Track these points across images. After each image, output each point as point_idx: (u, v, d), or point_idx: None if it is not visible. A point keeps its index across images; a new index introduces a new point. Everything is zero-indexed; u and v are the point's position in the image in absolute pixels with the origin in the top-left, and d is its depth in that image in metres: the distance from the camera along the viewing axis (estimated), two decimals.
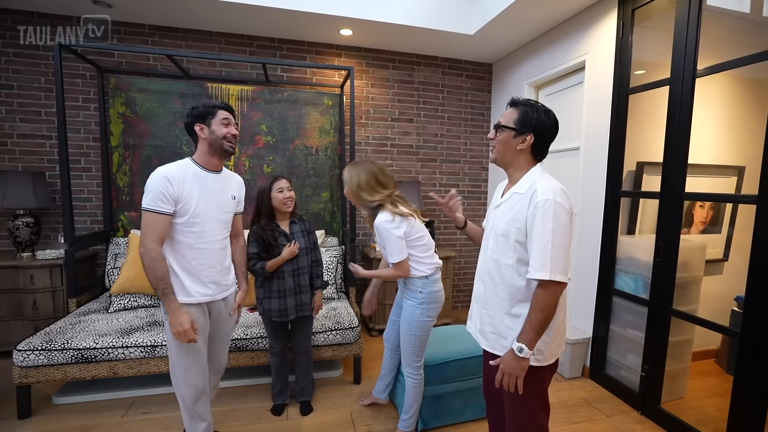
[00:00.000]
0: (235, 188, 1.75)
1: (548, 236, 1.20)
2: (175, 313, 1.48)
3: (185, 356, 1.57)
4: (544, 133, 1.31)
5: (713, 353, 2.85)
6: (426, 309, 1.80)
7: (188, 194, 1.53)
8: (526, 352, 1.22)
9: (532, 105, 1.31)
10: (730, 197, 2.38)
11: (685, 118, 2.00)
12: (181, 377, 1.59)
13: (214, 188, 1.62)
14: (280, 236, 2.01)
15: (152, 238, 1.46)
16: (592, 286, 2.61)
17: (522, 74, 3.35)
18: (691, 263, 2.29)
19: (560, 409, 2.29)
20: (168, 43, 3.07)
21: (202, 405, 1.66)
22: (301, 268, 2.05)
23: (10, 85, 2.83)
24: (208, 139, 1.59)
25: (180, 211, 1.52)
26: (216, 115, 1.59)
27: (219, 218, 1.64)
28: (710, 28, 2.00)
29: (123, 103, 2.93)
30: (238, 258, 1.85)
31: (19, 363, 1.97)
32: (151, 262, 1.46)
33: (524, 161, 1.34)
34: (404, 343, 1.87)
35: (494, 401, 1.56)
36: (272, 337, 2.11)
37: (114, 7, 2.75)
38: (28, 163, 2.90)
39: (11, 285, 2.60)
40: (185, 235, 1.55)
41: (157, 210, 1.47)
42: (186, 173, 1.56)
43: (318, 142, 3.32)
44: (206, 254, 1.60)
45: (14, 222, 2.71)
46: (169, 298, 1.48)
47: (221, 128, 1.59)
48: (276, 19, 2.91)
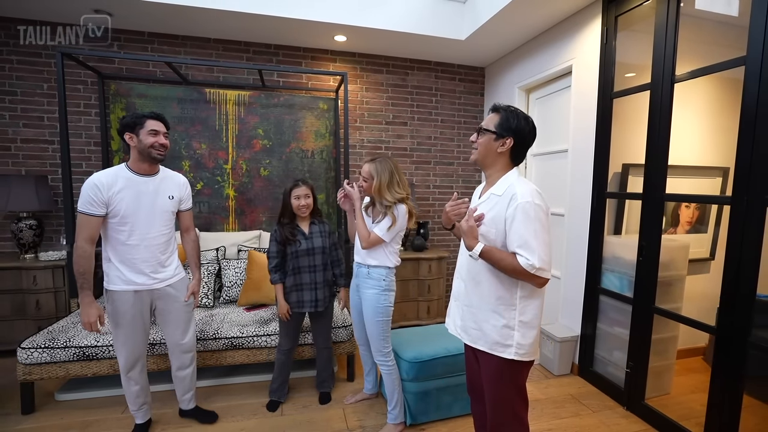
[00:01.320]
0: (174, 188, 1.92)
1: (532, 233, 1.26)
2: (86, 307, 1.71)
3: (119, 332, 1.82)
4: (523, 137, 1.38)
5: (701, 351, 2.90)
6: (388, 295, 2.00)
7: (117, 198, 1.72)
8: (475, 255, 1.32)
9: (513, 111, 1.39)
10: (707, 198, 2.44)
11: (665, 121, 2.06)
12: (117, 347, 1.85)
13: (146, 191, 1.80)
14: (299, 235, 2.14)
15: (83, 237, 1.68)
16: (579, 286, 2.68)
17: (513, 78, 3.42)
18: (674, 262, 2.35)
19: (548, 405, 2.35)
20: (167, 49, 3.15)
21: (136, 372, 1.89)
22: (317, 266, 2.16)
23: (14, 91, 2.92)
24: (137, 147, 1.76)
25: (111, 213, 1.72)
26: (144, 125, 1.75)
27: (152, 217, 1.81)
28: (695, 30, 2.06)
29: (123, 109, 3.01)
30: (189, 250, 2.06)
31: (23, 360, 2.05)
32: (78, 259, 1.68)
33: (502, 164, 1.41)
34: (372, 332, 2.01)
35: (478, 397, 1.62)
36: (283, 334, 2.21)
37: (115, 15, 2.83)
38: (31, 167, 2.98)
39: (15, 285, 2.68)
40: (118, 233, 1.75)
41: (87, 212, 1.67)
42: (117, 179, 1.73)
43: (314, 146, 3.39)
44: (138, 249, 1.79)
45: (18, 224, 2.79)
46: (84, 293, 1.70)
47: (148, 138, 1.74)
48: (272, 26, 2.99)
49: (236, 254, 3.00)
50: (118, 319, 1.80)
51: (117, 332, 1.82)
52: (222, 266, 2.84)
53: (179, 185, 1.95)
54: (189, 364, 2.05)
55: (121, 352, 1.85)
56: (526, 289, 1.35)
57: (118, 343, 1.84)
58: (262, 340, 2.34)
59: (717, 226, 2.77)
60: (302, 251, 2.12)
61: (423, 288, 3.43)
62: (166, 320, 1.96)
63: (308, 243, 2.14)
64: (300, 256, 2.13)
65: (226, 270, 2.82)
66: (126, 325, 1.81)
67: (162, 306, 1.92)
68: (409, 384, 2.08)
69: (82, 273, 1.68)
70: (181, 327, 1.99)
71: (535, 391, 2.50)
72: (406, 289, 3.40)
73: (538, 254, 1.24)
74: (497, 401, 1.44)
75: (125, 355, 1.85)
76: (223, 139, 3.20)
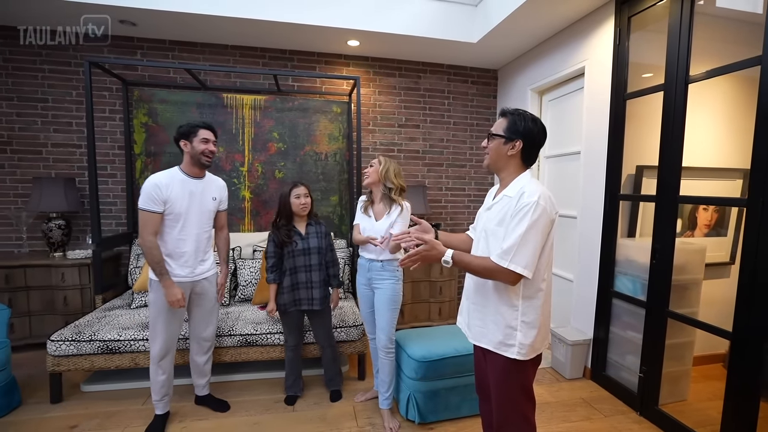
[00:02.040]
0: (216, 191, 2.13)
1: (521, 231, 1.26)
2: (171, 288, 1.91)
3: (160, 319, 1.97)
4: (532, 139, 1.39)
5: (721, 357, 2.82)
6: (401, 284, 2.15)
7: (174, 197, 1.92)
8: (447, 262, 1.35)
9: (520, 114, 1.41)
10: (721, 200, 2.38)
11: (678, 122, 2.04)
12: (153, 336, 1.99)
13: (196, 191, 2.01)
14: (295, 236, 2.20)
15: (148, 231, 1.88)
16: (592, 289, 2.65)
17: (526, 80, 3.41)
18: (690, 266, 2.31)
19: (558, 409, 2.33)
20: (187, 56, 3.27)
21: (166, 361, 2.03)
22: (313, 265, 2.22)
23: (46, 98, 3.09)
24: (190, 153, 1.98)
25: (167, 210, 1.92)
26: (197, 134, 1.97)
27: (200, 215, 2.03)
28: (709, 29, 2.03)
29: (145, 114, 3.14)
30: (222, 246, 2.26)
31: (52, 352, 2.17)
32: (149, 251, 1.88)
33: (514, 166, 1.43)
34: (386, 320, 2.11)
35: (486, 396, 1.63)
36: (287, 332, 2.28)
37: (138, 25, 2.96)
38: (60, 170, 3.14)
39: (45, 282, 2.83)
40: (171, 228, 1.95)
41: (150, 210, 1.87)
42: (173, 180, 1.95)
43: (327, 149, 3.46)
44: (186, 243, 1.99)
45: (48, 224, 2.94)
46: (165, 278, 1.90)
47: (200, 145, 1.97)
48: (287, 33, 3.08)
49: (251, 254, 3.09)
50: (159, 308, 1.96)
51: (157, 320, 1.97)
52: (238, 266, 2.93)
53: (220, 188, 2.17)
54: (207, 352, 2.21)
55: (157, 341, 1.98)
56: (528, 290, 1.36)
57: (155, 331, 1.98)
58: (275, 338, 2.41)
59: (737, 229, 2.70)
60: (299, 251, 2.19)
61: (435, 289, 3.45)
62: (195, 311, 2.13)
63: (305, 243, 2.21)
64: (296, 255, 2.19)
65: (242, 269, 2.91)
66: (166, 313, 1.97)
67: (195, 297, 2.10)
68: (418, 383, 2.10)
69: (157, 262, 1.88)
70: (206, 319, 2.16)
71: (546, 394, 2.48)
72: (417, 291, 3.42)
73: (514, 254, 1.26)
74: (503, 400, 1.45)
75: (160, 344, 1.98)
76: (240, 142, 3.30)
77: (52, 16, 2.84)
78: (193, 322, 2.15)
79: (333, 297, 2.35)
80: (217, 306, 2.22)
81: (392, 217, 2.07)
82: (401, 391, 2.22)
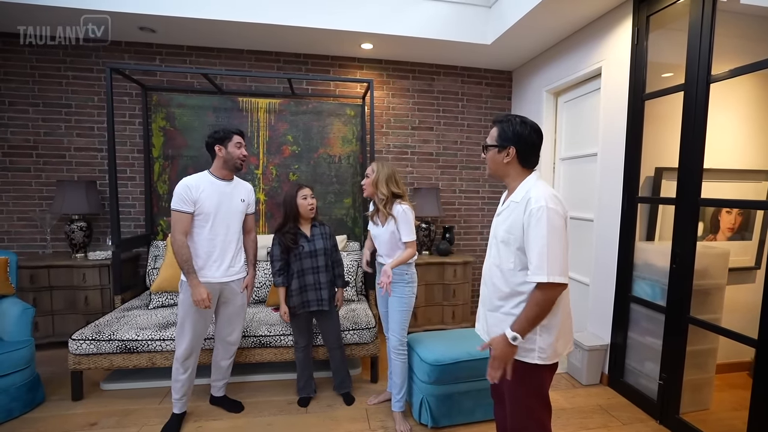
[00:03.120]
0: (244, 193, 2.17)
1: (544, 240, 1.26)
2: (197, 288, 1.93)
3: (188, 320, 2.00)
4: (524, 142, 1.38)
5: (746, 366, 2.73)
6: (413, 287, 2.14)
7: (204, 198, 1.98)
8: (519, 341, 1.30)
9: (509, 120, 1.41)
10: (746, 203, 2.30)
11: (700, 123, 1.98)
12: (181, 335, 2.02)
13: (225, 193, 2.06)
14: (301, 238, 2.22)
15: (179, 230, 1.94)
16: (609, 293, 2.60)
17: (541, 81, 3.37)
18: (712, 270, 2.24)
19: (575, 415, 2.29)
20: (203, 61, 3.34)
21: (190, 362, 2.06)
22: (320, 267, 2.25)
23: (69, 104, 3.19)
24: (225, 157, 2.05)
25: (197, 210, 1.97)
26: (232, 139, 2.05)
27: (229, 216, 2.07)
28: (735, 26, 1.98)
29: (163, 118, 3.21)
30: (249, 248, 2.27)
31: (74, 351, 2.23)
32: (179, 249, 1.92)
33: (515, 172, 1.42)
34: (396, 321, 2.13)
35: (502, 401, 1.62)
36: (296, 333, 2.30)
37: (157, 32, 3.04)
38: (82, 174, 3.24)
39: (67, 282, 2.91)
40: (201, 228, 2.00)
41: (181, 210, 1.94)
42: (202, 182, 2.01)
43: (341, 151, 3.48)
44: (215, 244, 2.03)
45: (70, 226, 3.03)
46: (191, 276, 1.94)
47: (235, 150, 2.05)
48: (301, 37, 3.11)
49: (265, 256, 3.12)
50: (188, 308, 1.99)
51: (186, 320, 2.01)
52: None
53: (248, 191, 2.22)
54: (230, 356, 2.24)
55: (184, 340, 2.02)
56: None
57: (183, 330, 2.02)
58: (289, 339, 2.43)
59: (763, 232, 2.61)
60: (305, 253, 2.21)
61: (448, 292, 3.43)
62: (222, 313, 2.16)
63: (311, 245, 2.23)
64: (303, 258, 2.22)
65: (257, 271, 2.94)
66: (194, 314, 2.00)
67: (223, 300, 2.13)
68: (431, 387, 2.09)
69: (185, 261, 1.93)
70: (233, 323, 2.19)
71: (562, 400, 2.44)
72: (431, 293, 3.40)
73: (547, 265, 1.25)
74: (519, 406, 1.44)
75: (186, 343, 2.02)
76: (255, 145, 3.35)
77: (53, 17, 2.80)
78: (219, 324, 2.18)
79: (337, 296, 2.36)
80: (244, 309, 2.23)
81: (391, 225, 2.07)
82: (414, 395, 2.21)
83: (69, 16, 2.75)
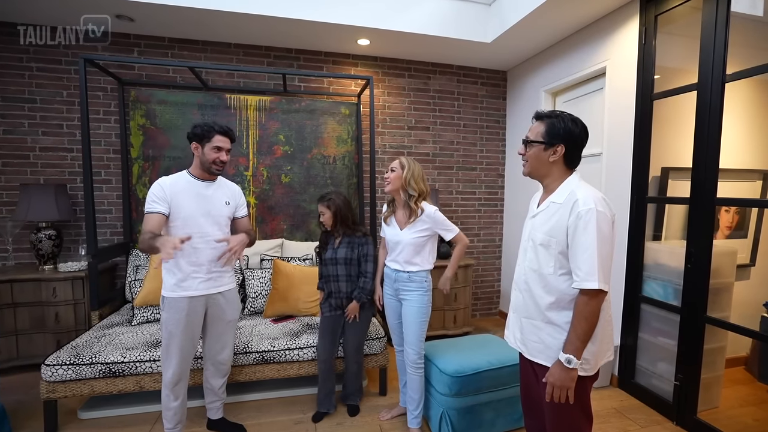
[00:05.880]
0: (229, 195, 1.96)
1: (593, 245, 1.19)
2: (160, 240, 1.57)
3: (173, 341, 1.79)
4: (574, 141, 1.31)
5: (742, 360, 2.80)
6: (430, 295, 2.04)
7: (180, 199, 1.78)
8: (575, 362, 1.21)
9: (558, 116, 1.32)
10: (761, 202, 2.34)
11: (714, 122, 1.98)
12: (166, 359, 1.81)
13: (205, 195, 1.86)
14: (329, 245, 2.22)
15: (145, 230, 1.68)
16: (618, 294, 2.58)
17: (538, 81, 3.35)
18: (721, 269, 2.25)
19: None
20: (187, 55, 3.09)
21: (179, 387, 1.85)
22: (340, 276, 2.18)
23: (33, 99, 2.86)
24: (200, 158, 1.84)
25: (173, 214, 1.77)
26: (211, 140, 1.81)
27: (212, 220, 1.85)
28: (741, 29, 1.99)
29: (143, 115, 2.95)
30: None
31: (47, 378, 1.95)
32: (141, 239, 1.65)
33: (558, 171, 1.34)
34: (414, 333, 2.00)
35: (533, 410, 1.54)
36: (320, 337, 2.21)
37: (136, 21, 2.78)
38: (49, 176, 2.91)
39: (34, 298, 2.59)
40: (179, 233, 1.74)
41: (152, 210, 1.72)
42: (178, 180, 1.82)
43: (335, 152, 3.32)
44: (197, 252, 1.80)
45: (37, 235, 2.71)
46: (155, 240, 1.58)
47: (211, 154, 1.82)
48: (293, 30, 2.93)
49: (259, 263, 2.92)
50: (172, 329, 1.78)
51: (171, 341, 1.79)
52: (246, 276, 2.75)
53: (234, 193, 2.00)
54: (223, 376, 2.04)
55: (171, 364, 1.80)
56: None
57: (168, 354, 1.80)
58: (294, 354, 2.25)
59: (758, 231, 2.68)
60: (328, 260, 2.19)
61: (449, 296, 3.33)
62: (210, 331, 1.94)
63: (333, 253, 2.18)
64: (327, 264, 2.19)
65: (250, 280, 2.73)
66: (180, 334, 1.79)
67: (210, 315, 1.91)
68: (452, 399, 1.98)
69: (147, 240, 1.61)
70: (222, 339, 1.97)
71: None
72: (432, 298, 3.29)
73: (597, 273, 1.19)
74: (562, 418, 1.36)
75: (174, 367, 1.81)
76: (244, 145, 3.13)
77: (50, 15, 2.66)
78: (208, 343, 1.96)
79: (349, 308, 2.20)
80: (234, 325, 2.03)
81: (417, 226, 1.96)
82: (432, 408, 2.09)
83: None
